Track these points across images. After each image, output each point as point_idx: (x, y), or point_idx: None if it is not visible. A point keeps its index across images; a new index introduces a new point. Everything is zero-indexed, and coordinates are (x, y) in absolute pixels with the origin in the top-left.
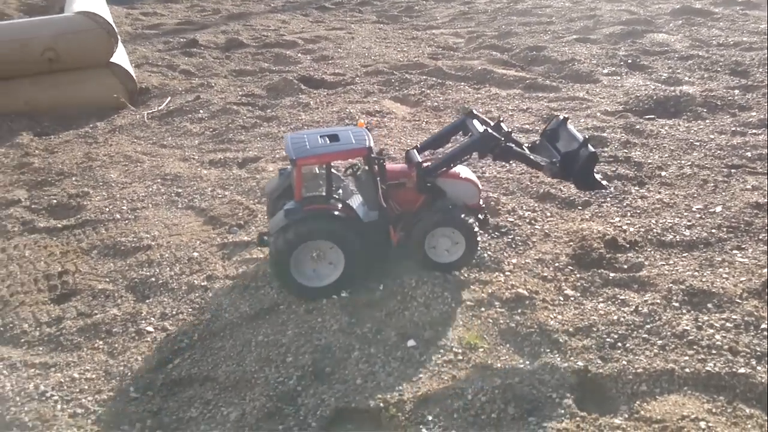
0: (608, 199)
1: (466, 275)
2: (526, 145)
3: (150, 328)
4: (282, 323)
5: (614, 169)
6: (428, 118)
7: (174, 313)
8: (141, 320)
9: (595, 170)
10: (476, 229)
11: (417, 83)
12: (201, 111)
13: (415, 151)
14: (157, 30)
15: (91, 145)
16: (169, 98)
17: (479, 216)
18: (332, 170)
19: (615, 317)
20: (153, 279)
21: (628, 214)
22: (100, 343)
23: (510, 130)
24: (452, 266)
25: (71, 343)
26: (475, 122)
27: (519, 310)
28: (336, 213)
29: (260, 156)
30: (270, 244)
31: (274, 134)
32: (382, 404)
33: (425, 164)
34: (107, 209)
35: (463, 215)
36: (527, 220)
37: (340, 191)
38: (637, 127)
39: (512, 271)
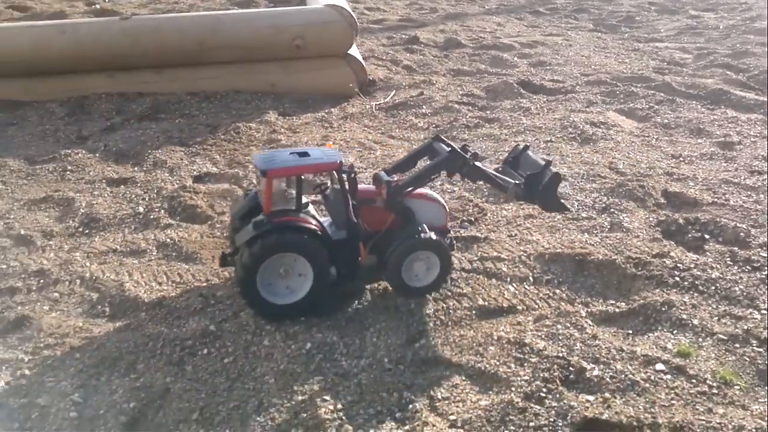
0: None
1: (713, 307)
2: (491, 169)
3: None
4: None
5: None
6: (658, 135)
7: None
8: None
9: (558, 192)
10: (448, 247)
11: (644, 97)
12: (424, 107)
13: (383, 173)
14: (380, 25)
15: (327, 129)
16: (394, 91)
17: (446, 237)
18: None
19: None
20: None
21: None
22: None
23: (475, 152)
24: (424, 290)
25: None
26: (442, 146)
27: None
28: (306, 225)
29: (483, 156)
30: (236, 260)
31: (496, 136)
32: (635, 423)
33: (395, 184)
34: None
35: (436, 237)
36: None
37: (310, 208)
38: None
39: None
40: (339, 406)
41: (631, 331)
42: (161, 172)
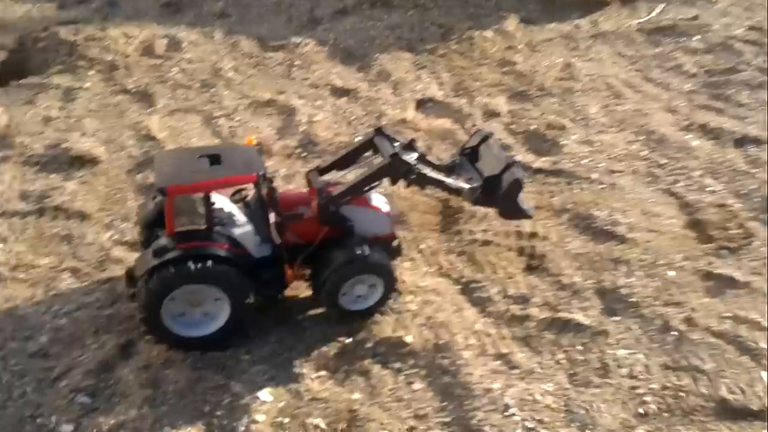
0: None
1: None
2: (445, 163)
3: (620, 373)
4: None
5: None
6: None
7: (641, 353)
8: (605, 347)
9: (519, 196)
10: (394, 270)
11: None
12: (696, 37)
13: (316, 172)
14: None
15: (571, 51)
16: (663, 5)
17: (393, 245)
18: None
19: None
20: (624, 290)
21: None
22: (562, 356)
23: (423, 151)
24: (367, 312)
25: (535, 337)
26: (385, 142)
27: None
28: (218, 251)
29: (762, 136)
30: (137, 287)
31: None
32: None
33: (327, 191)
34: (584, 160)
35: (378, 256)
36: None
37: (227, 221)
38: None
39: None
40: None
41: None
42: (385, 87)
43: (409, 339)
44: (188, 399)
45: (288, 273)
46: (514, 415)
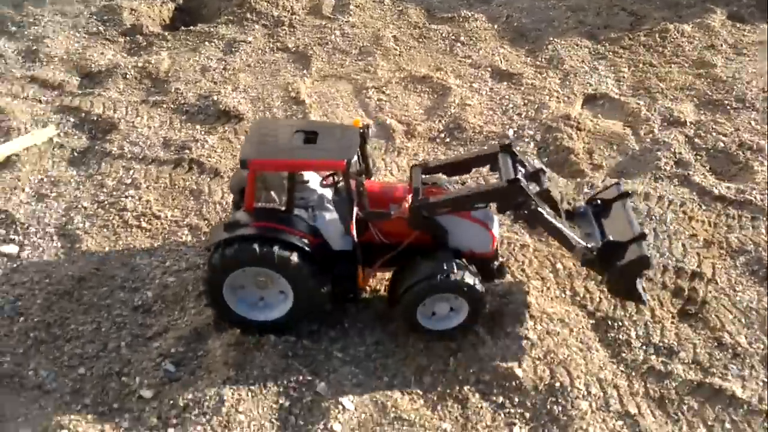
0: None
1: None
2: (565, 208)
3: None
4: None
5: None
6: None
7: None
8: (762, 430)
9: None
10: (481, 292)
11: None
12: None
13: (420, 169)
14: None
15: None
16: None
17: (492, 265)
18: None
19: None
20: None
21: None
22: (702, 431)
23: (548, 186)
24: (450, 333)
25: (674, 401)
26: (509, 162)
27: None
28: (292, 237)
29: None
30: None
31: None
32: None
33: (425, 197)
34: None
35: (467, 275)
36: None
37: (315, 205)
38: None
39: None
40: None
41: None
42: (552, 75)
43: (519, 373)
44: (270, 389)
45: (360, 274)
46: None
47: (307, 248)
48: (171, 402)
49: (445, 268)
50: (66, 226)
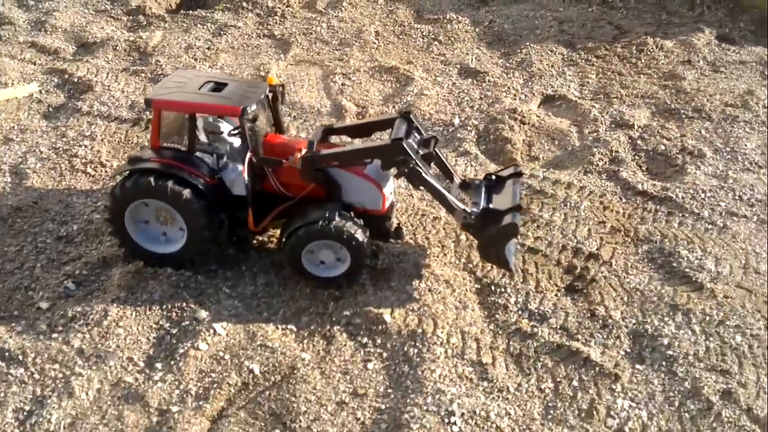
0: None
1: None
2: (461, 178)
3: (606, 424)
4: None
5: None
6: None
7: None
8: (606, 392)
9: (509, 245)
10: (362, 242)
11: None
12: None
13: (323, 129)
14: None
15: (764, 80)
16: None
17: (387, 224)
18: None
19: None
20: (665, 340)
21: None
22: (549, 385)
23: (436, 152)
24: (327, 281)
25: (530, 358)
26: (403, 126)
27: None
28: (187, 175)
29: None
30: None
31: None
32: None
33: (317, 150)
34: (704, 195)
35: (344, 224)
36: None
37: (222, 150)
38: None
39: None
40: None
41: None
42: (518, 75)
43: (388, 318)
44: (154, 311)
45: (250, 218)
46: (454, 423)
47: (200, 186)
48: (61, 313)
49: (327, 216)
50: (20, 165)
